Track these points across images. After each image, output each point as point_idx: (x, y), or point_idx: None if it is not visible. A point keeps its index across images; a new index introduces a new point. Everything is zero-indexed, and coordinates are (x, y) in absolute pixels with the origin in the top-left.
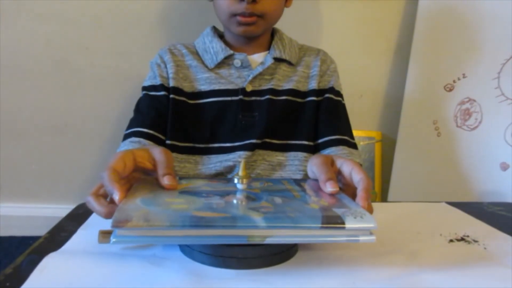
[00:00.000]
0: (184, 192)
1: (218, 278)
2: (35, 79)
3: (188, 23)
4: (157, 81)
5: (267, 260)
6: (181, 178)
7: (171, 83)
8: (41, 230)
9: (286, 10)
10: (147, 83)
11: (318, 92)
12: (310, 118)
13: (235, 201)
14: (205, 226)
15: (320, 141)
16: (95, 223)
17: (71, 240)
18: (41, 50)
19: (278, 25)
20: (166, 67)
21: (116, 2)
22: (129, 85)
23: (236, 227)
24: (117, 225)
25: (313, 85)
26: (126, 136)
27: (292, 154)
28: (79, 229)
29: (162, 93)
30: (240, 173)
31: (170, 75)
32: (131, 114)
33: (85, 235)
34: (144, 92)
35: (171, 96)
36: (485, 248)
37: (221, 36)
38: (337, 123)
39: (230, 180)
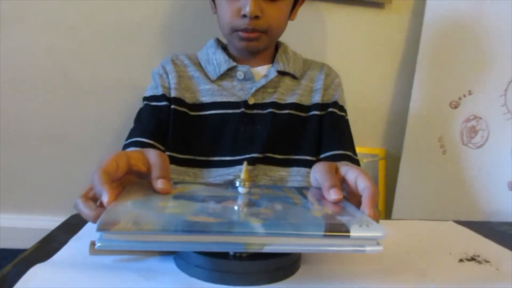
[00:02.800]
0: (179, 196)
1: None
2: (35, 88)
3: (191, 35)
4: (159, 91)
5: (267, 276)
6: (176, 182)
7: (173, 94)
8: None
9: (291, 24)
10: (148, 93)
11: (322, 106)
12: (313, 132)
13: (232, 206)
14: (199, 232)
15: (322, 156)
16: (89, 234)
17: (62, 251)
18: (42, 60)
19: (282, 39)
20: (168, 77)
21: (118, 12)
22: (130, 95)
23: (233, 233)
24: (103, 227)
25: (317, 99)
26: (126, 146)
27: (294, 169)
28: (70, 240)
29: (164, 103)
30: (242, 176)
31: (172, 85)
32: (132, 125)
33: (76, 246)
34: (145, 102)
35: (172, 106)
36: (497, 269)
37: (224, 48)
38: (340, 138)
39: (228, 186)
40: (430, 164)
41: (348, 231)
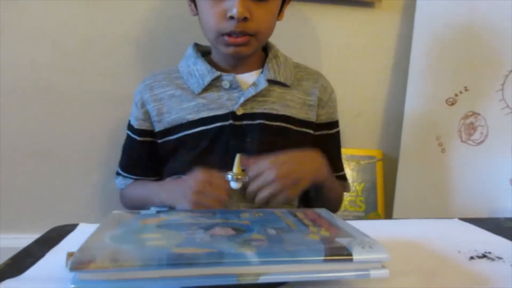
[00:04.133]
0: (163, 226)
1: None
2: (18, 102)
3: (177, 45)
4: (142, 126)
5: None
6: (159, 211)
7: (157, 128)
8: None
9: (279, 26)
10: (133, 122)
11: (317, 126)
12: (306, 147)
13: (221, 234)
14: (186, 265)
15: None
16: (68, 247)
17: (36, 266)
18: (25, 73)
19: (272, 40)
20: (147, 110)
21: (103, 23)
22: (117, 108)
23: (224, 264)
24: (77, 267)
25: (311, 116)
26: (124, 179)
27: None
28: (47, 254)
29: (149, 138)
30: (235, 170)
31: (154, 119)
32: (119, 139)
33: (53, 260)
34: (131, 134)
35: (159, 141)
36: None
37: (204, 53)
38: (336, 161)
39: (216, 213)
40: (429, 163)
41: (350, 254)
